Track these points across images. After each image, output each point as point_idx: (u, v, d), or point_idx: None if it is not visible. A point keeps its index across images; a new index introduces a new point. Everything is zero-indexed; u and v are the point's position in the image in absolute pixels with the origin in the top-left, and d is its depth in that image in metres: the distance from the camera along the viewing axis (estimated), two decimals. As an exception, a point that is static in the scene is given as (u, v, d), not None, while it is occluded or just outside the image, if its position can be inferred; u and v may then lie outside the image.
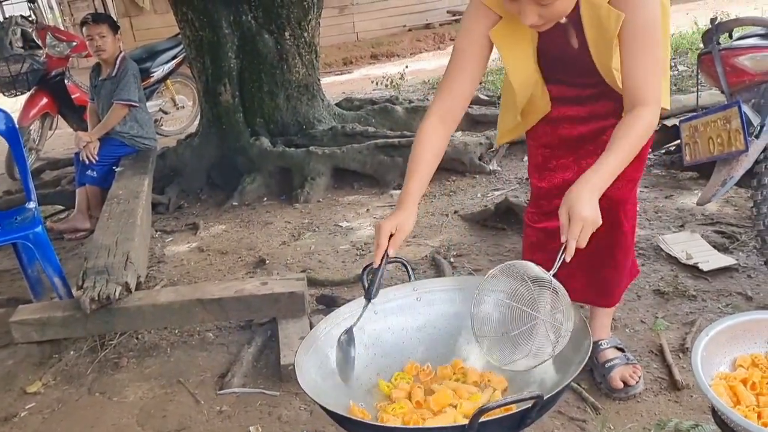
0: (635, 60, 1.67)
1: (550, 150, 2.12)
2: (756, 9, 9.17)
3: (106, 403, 2.54)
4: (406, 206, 1.74)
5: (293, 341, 2.58)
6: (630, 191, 2.09)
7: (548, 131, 2.09)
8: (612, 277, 2.19)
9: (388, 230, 1.70)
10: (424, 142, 1.81)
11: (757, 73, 2.57)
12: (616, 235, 2.11)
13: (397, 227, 1.70)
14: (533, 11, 1.59)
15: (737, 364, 1.71)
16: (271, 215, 4.35)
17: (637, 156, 2.02)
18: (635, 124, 1.65)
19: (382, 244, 1.69)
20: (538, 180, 2.19)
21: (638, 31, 1.65)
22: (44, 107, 5.79)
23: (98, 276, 2.76)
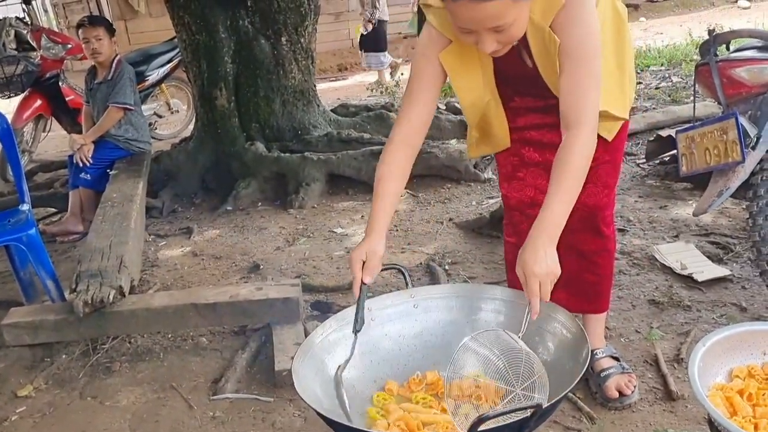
0: (567, 81, 1.67)
1: (519, 158, 2.12)
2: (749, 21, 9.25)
3: (98, 407, 2.51)
4: (374, 232, 1.76)
5: (288, 347, 2.57)
6: (606, 197, 2.09)
7: (516, 139, 2.09)
8: (596, 282, 2.21)
9: (359, 259, 1.72)
10: (388, 169, 1.83)
11: (754, 85, 2.58)
12: (597, 241, 2.14)
13: (367, 254, 1.72)
14: (491, 39, 1.60)
15: (733, 375, 1.72)
16: (265, 220, 4.34)
17: (612, 162, 2.05)
18: (570, 156, 1.63)
19: (357, 275, 1.72)
20: (508, 190, 2.19)
21: (571, 52, 1.65)
22: (38, 109, 5.77)
23: (92, 279, 2.75)
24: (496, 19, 1.55)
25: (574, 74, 1.66)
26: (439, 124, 5.32)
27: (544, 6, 1.64)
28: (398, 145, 1.84)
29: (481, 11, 1.53)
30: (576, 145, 1.64)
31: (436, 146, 4.66)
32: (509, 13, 1.54)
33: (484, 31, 1.58)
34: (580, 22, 1.64)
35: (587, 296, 2.22)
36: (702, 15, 11.51)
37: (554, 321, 1.72)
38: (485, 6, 1.51)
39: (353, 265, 1.72)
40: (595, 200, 2.05)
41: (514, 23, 1.58)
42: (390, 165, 1.83)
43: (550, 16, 1.65)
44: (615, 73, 1.90)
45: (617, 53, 1.91)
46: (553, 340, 1.71)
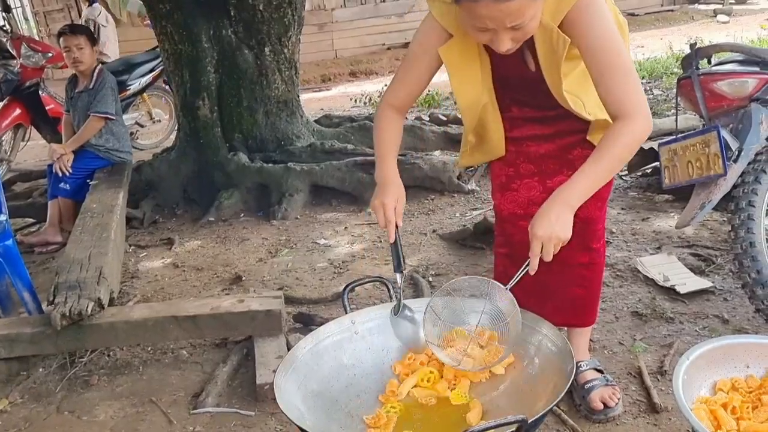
0: (605, 77, 1.66)
1: (514, 169, 2.12)
2: (728, 35, 9.37)
3: (75, 422, 2.46)
4: (393, 180, 1.85)
5: (270, 360, 2.54)
6: (599, 210, 2.09)
7: (512, 150, 2.09)
8: (584, 295, 2.20)
9: (393, 204, 1.80)
10: (386, 127, 1.93)
11: (735, 98, 2.60)
12: (585, 255, 2.12)
13: (398, 199, 1.82)
14: (507, 37, 1.61)
15: (717, 388, 1.71)
16: (248, 231, 4.31)
17: None
18: (621, 134, 1.64)
19: (392, 219, 1.79)
20: (501, 201, 2.19)
21: (599, 49, 1.65)
22: (17, 118, 5.70)
23: (70, 291, 2.70)
24: (517, 17, 1.55)
25: (610, 71, 1.65)
26: (423, 135, 5.32)
27: (554, 6, 1.64)
28: (390, 110, 1.94)
29: (504, 9, 1.53)
30: (625, 133, 1.64)
31: (420, 157, 4.65)
32: (528, 10, 1.55)
33: (502, 29, 1.58)
34: (599, 20, 1.65)
35: (574, 309, 2.21)
36: (682, 29, 11.64)
37: (539, 334, 1.71)
38: (507, 5, 1.52)
39: (387, 209, 1.79)
40: (587, 213, 2.03)
41: (532, 20, 1.58)
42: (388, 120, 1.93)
43: (560, 17, 1.65)
44: None
45: None
46: (539, 353, 1.70)
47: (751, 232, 2.46)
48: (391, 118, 1.94)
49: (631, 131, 1.64)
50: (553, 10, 1.64)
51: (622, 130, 1.64)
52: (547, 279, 2.10)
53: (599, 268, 2.19)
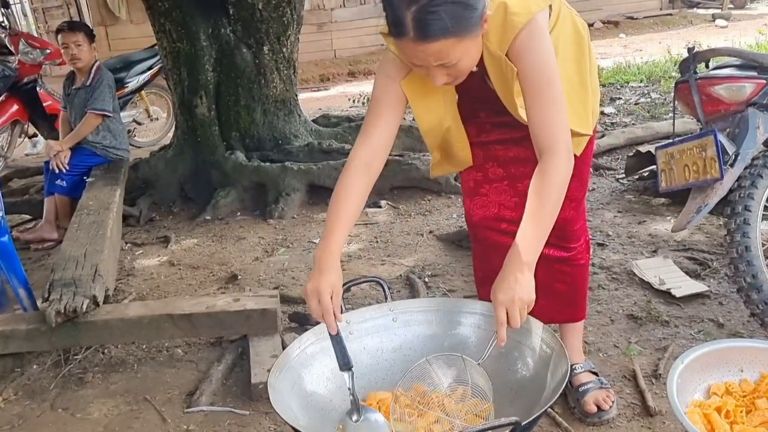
0: (533, 108, 1.69)
1: (483, 174, 2.11)
2: (726, 40, 9.39)
3: (68, 419, 2.46)
4: (332, 265, 1.67)
5: (264, 359, 2.54)
6: (574, 210, 2.09)
7: (481, 154, 2.08)
8: (568, 291, 2.20)
9: (329, 291, 1.61)
10: (346, 196, 1.75)
11: (732, 103, 2.61)
12: (564, 254, 2.14)
13: (333, 290, 1.63)
14: (440, 73, 1.62)
15: (711, 392, 1.72)
16: (244, 230, 4.31)
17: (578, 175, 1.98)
18: (551, 177, 1.65)
19: (328, 307, 1.60)
20: (471, 206, 2.17)
21: (530, 80, 1.67)
22: (14, 114, 5.69)
23: (65, 288, 2.69)
24: (441, 58, 1.55)
25: (538, 102, 1.68)
26: (420, 136, 5.31)
27: (500, 36, 1.66)
28: (357, 169, 1.77)
29: (425, 50, 1.54)
30: (551, 173, 1.66)
31: (417, 158, 4.66)
32: (453, 51, 1.54)
33: (432, 67, 1.59)
34: (535, 50, 1.66)
35: (559, 306, 2.21)
36: (680, 33, 11.66)
37: (534, 336, 1.71)
38: (428, 45, 1.52)
39: (324, 298, 1.60)
40: (563, 214, 2.00)
41: (462, 59, 1.58)
42: (351, 185, 1.75)
43: (506, 45, 1.66)
44: (578, 91, 1.91)
45: (579, 70, 1.91)
46: (533, 355, 1.70)
47: (746, 236, 2.46)
48: (357, 180, 1.76)
49: (559, 172, 1.66)
50: (499, 39, 1.66)
51: (551, 173, 1.66)
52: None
53: (581, 264, 2.20)
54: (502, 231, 2.09)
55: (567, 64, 1.86)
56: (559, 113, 1.68)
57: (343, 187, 1.75)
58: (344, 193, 1.75)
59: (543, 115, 1.68)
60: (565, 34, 1.87)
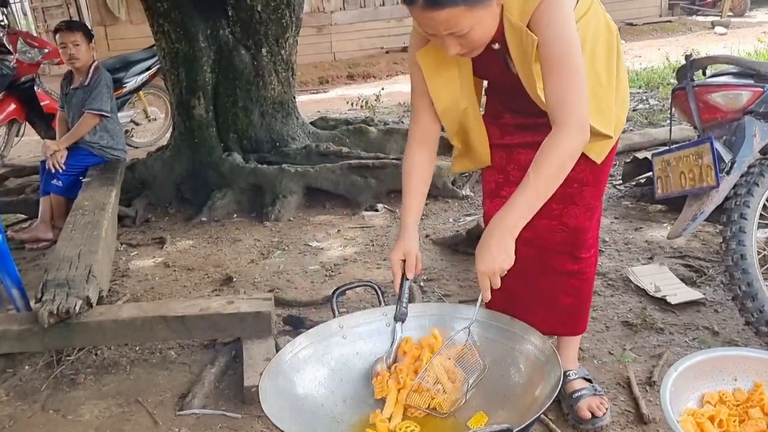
0: (549, 79, 1.65)
1: (504, 176, 2.09)
2: (725, 47, 9.41)
3: (60, 421, 2.45)
4: (406, 233, 1.87)
5: (258, 362, 2.53)
6: (589, 219, 2.06)
7: (504, 156, 2.07)
8: (572, 304, 2.17)
9: (398, 259, 1.84)
10: (410, 170, 1.93)
11: (729, 111, 2.61)
12: (573, 264, 2.10)
13: (405, 253, 1.84)
14: (453, 42, 1.62)
15: (705, 401, 1.71)
16: (240, 232, 4.30)
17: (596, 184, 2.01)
18: (555, 150, 1.63)
19: (397, 274, 1.84)
20: (490, 207, 2.15)
21: (551, 50, 1.64)
22: (12, 113, 5.68)
23: (58, 289, 2.68)
24: (451, 26, 1.56)
25: (555, 74, 1.64)
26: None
27: (521, 6, 1.64)
28: (415, 145, 1.94)
29: (434, 18, 1.54)
30: (559, 145, 1.63)
31: (415, 162, 4.64)
32: (464, 20, 1.55)
33: (443, 35, 1.60)
34: (556, 21, 1.63)
35: (563, 318, 2.19)
36: (679, 39, 11.68)
37: (527, 342, 1.70)
38: (437, 13, 1.53)
39: (394, 266, 1.84)
40: (576, 222, 2.03)
41: (473, 29, 1.58)
42: (412, 161, 1.93)
43: (527, 16, 1.63)
44: (606, 89, 1.87)
45: (608, 70, 1.88)
46: (526, 362, 1.69)
47: (742, 244, 2.46)
48: (416, 156, 1.93)
49: (565, 145, 1.63)
50: (521, 10, 1.64)
51: (556, 145, 1.63)
52: (536, 287, 2.11)
53: (589, 277, 2.17)
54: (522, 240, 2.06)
55: (596, 59, 1.84)
56: (576, 87, 1.64)
57: (407, 166, 1.94)
58: (408, 170, 1.93)
59: (559, 87, 1.64)
60: (597, 28, 1.85)
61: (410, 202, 1.90)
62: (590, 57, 1.78)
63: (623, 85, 1.97)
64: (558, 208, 2.00)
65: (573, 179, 1.82)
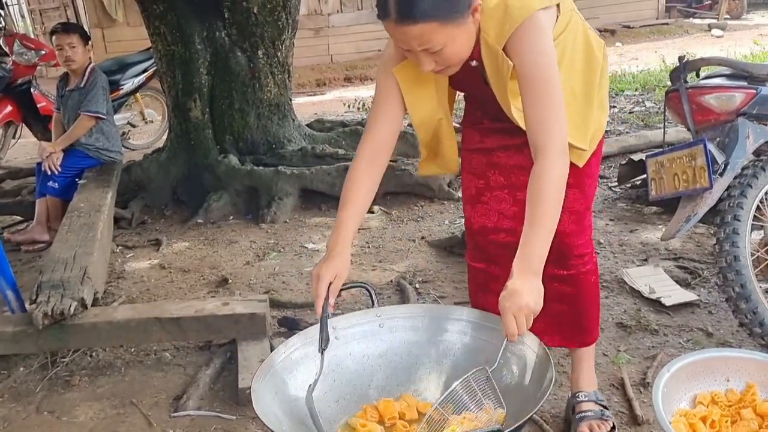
0: (527, 103, 1.65)
1: (485, 181, 2.06)
2: (722, 50, 9.43)
3: (54, 422, 2.44)
4: (340, 252, 1.73)
5: (253, 364, 2.53)
6: (575, 224, 1.99)
7: (483, 161, 2.05)
8: (566, 312, 2.08)
9: (328, 279, 1.69)
10: (354, 187, 1.83)
11: (722, 112, 2.62)
12: (562, 271, 2.03)
13: (336, 275, 1.70)
14: (427, 59, 1.61)
15: (697, 401, 1.72)
16: (236, 234, 4.30)
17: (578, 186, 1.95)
18: (541, 186, 1.61)
19: (322, 294, 1.68)
20: (471, 214, 2.11)
21: (526, 76, 1.64)
22: (8, 115, 5.68)
23: (53, 290, 2.68)
24: (424, 42, 1.55)
25: (532, 99, 1.64)
26: (414, 142, 5.31)
27: (498, 29, 1.64)
28: (363, 163, 1.84)
29: (406, 33, 1.54)
30: (545, 174, 1.62)
31: (410, 164, 4.66)
32: (436, 36, 1.54)
33: (417, 51, 1.59)
34: (533, 45, 1.63)
35: (559, 327, 2.10)
36: (676, 42, 11.70)
37: (519, 343, 1.70)
38: (410, 28, 1.53)
39: (320, 284, 1.68)
40: (561, 227, 1.91)
41: (447, 46, 1.57)
42: (355, 182, 1.83)
43: (504, 38, 1.64)
44: (581, 104, 1.86)
45: (586, 83, 1.87)
46: (518, 362, 1.69)
47: (735, 246, 2.47)
48: (364, 172, 1.83)
49: (553, 173, 1.62)
50: (497, 33, 1.64)
51: (543, 174, 1.62)
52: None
53: (582, 284, 2.07)
54: (500, 242, 2.04)
55: (573, 75, 1.83)
56: (553, 111, 1.64)
57: (350, 180, 1.84)
58: (351, 185, 1.83)
59: (537, 112, 1.64)
60: (575, 43, 1.84)
61: (350, 222, 1.79)
62: (566, 72, 1.78)
63: (603, 95, 1.96)
64: None
65: None
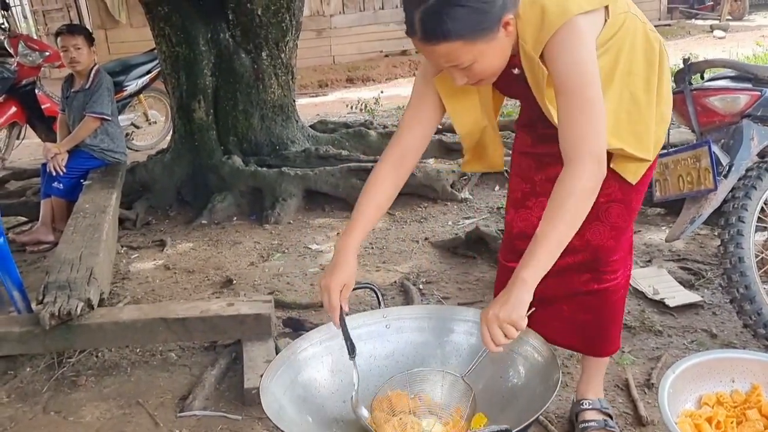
0: (561, 114, 1.59)
1: (531, 186, 1.98)
2: (724, 51, 9.42)
3: (61, 422, 2.46)
4: (347, 260, 1.71)
5: (258, 364, 2.54)
6: (613, 239, 1.89)
7: (533, 166, 1.97)
8: (591, 321, 2.01)
9: (338, 289, 1.68)
10: (373, 189, 1.79)
11: (726, 114, 2.63)
12: (592, 284, 1.95)
13: (345, 285, 1.69)
14: (459, 74, 1.58)
15: (702, 402, 1.72)
16: (240, 235, 4.31)
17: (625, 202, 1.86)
18: (564, 196, 1.54)
19: (336, 306, 1.68)
20: (514, 217, 2.04)
21: (562, 83, 1.57)
22: (13, 116, 5.69)
23: (59, 291, 2.69)
24: (451, 60, 1.53)
25: (566, 107, 1.58)
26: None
27: (535, 35, 1.58)
28: (388, 166, 1.80)
29: (433, 51, 1.52)
30: (568, 184, 1.55)
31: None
32: (464, 54, 1.51)
33: (447, 67, 1.57)
34: (569, 52, 1.56)
35: (581, 335, 2.03)
36: (678, 43, 11.69)
37: (526, 344, 1.71)
38: (434, 48, 1.51)
39: (332, 295, 1.67)
40: (599, 241, 1.88)
41: (477, 62, 1.53)
42: (376, 185, 1.79)
43: (541, 45, 1.57)
44: (644, 111, 1.76)
45: (648, 89, 1.77)
46: (525, 363, 1.70)
47: (740, 247, 2.47)
48: (384, 178, 1.79)
49: (580, 183, 1.54)
50: (534, 40, 1.58)
51: (567, 183, 1.55)
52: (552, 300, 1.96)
53: (612, 297, 1.98)
54: None
55: (634, 79, 1.74)
56: (589, 121, 1.56)
57: (370, 184, 1.79)
58: (370, 190, 1.78)
59: (570, 122, 1.57)
60: (633, 47, 1.73)
61: (358, 226, 1.75)
62: (624, 78, 1.72)
63: (664, 100, 1.85)
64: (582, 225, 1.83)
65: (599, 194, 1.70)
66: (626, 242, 1.97)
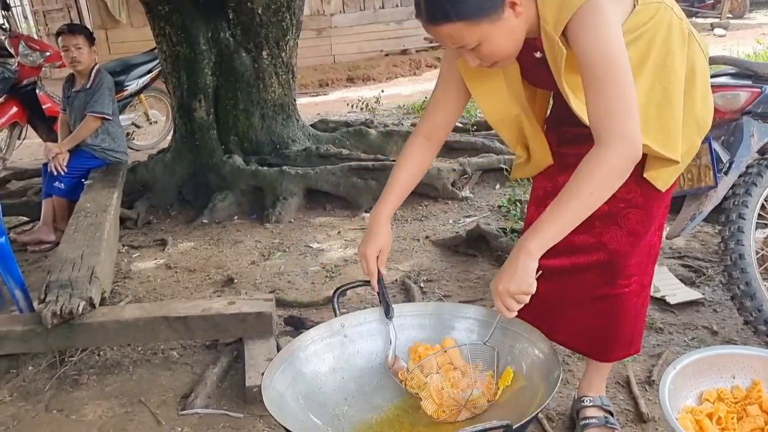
0: (589, 93, 1.53)
1: (553, 185, 1.93)
2: (725, 49, 9.42)
3: (63, 421, 2.46)
4: (381, 229, 1.83)
5: (259, 362, 2.54)
6: (630, 245, 1.84)
7: (557, 166, 1.92)
8: (601, 327, 1.96)
9: (374, 255, 1.81)
10: (404, 163, 1.87)
11: (727, 111, 2.62)
12: (606, 288, 1.90)
13: (381, 250, 1.82)
14: (469, 55, 1.58)
15: (703, 398, 1.72)
16: (241, 234, 4.31)
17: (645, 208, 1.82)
18: (595, 167, 1.49)
19: (374, 271, 1.82)
20: (534, 214, 1.96)
21: (587, 60, 1.51)
22: (13, 116, 5.69)
23: (61, 290, 2.70)
24: (456, 41, 1.53)
25: (594, 85, 1.51)
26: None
27: (556, 15, 1.52)
28: (420, 138, 1.88)
29: (437, 33, 1.53)
30: (599, 165, 1.49)
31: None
32: (467, 35, 1.50)
33: (456, 48, 1.57)
34: (592, 29, 1.50)
35: (589, 339, 2.00)
36: (679, 41, 11.69)
37: (526, 341, 1.71)
38: (437, 29, 1.51)
39: (369, 261, 1.81)
40: (617, 245, 1.84)
41: (483, 44, 1.52)
42: (411, 153, 1.88)
43: (561, 25, 1.52)
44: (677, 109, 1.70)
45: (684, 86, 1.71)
46: (525, 359, 1.70)
47: (740, 244, 2.48)
48: (416, 149, 1.87)
49: (607, 161, 1.48)
50: (555, 19, 1.53)
51: (596, 162, 1.49)
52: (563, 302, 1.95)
53: (624, 302, 1.92)
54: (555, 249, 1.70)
55: (668, 75, 1.67)
56: (619, 99, 1.48)
57: (402, 158, 1.89)
58: (402, 163, 1.88)
59: (600, 101, 1.50)
60: (666, 39, 1.67)
61: (391, 195, 1.85)
62: (657, 70, 1.66)
63: (705, 105, 1.80)
64: (599, 226, 1.83)
65: (620, 198, 1.68)
66: (645, 248, 1.90)
